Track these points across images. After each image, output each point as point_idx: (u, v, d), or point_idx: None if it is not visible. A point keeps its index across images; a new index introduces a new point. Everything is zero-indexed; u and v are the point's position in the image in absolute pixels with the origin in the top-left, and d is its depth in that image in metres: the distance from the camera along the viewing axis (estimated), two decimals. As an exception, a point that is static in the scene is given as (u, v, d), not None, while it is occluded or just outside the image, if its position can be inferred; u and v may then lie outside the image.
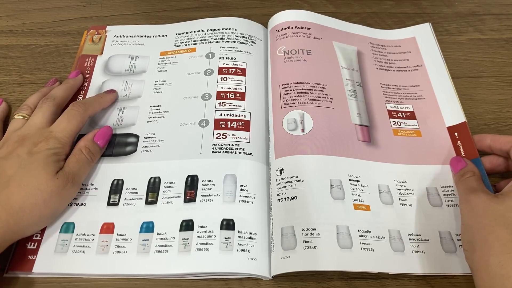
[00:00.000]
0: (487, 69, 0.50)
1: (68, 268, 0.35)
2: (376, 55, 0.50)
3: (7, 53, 0.51)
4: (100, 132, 0.41)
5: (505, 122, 0.45)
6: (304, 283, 0.36)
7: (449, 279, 0.36)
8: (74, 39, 0.52)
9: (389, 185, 0.40)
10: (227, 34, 0.50)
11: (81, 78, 0.46)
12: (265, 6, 0.56)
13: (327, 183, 0.38)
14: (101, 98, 0.44)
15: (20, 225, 0.33)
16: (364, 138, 0.42)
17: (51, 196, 0.35)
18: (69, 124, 0.39)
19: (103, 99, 0.44)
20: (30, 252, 0.36)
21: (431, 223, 0.38)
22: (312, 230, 0.36)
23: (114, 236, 0.37)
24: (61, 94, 0.42)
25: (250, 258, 0.35)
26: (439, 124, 0.44)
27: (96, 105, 0.43)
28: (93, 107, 0.42)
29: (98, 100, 0.43)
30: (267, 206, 0.39)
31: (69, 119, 0.39)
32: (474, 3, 0.56)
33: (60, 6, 0.56)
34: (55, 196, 0.35)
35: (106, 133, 0.41)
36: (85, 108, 0.41)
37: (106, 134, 0.41)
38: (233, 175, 0.39)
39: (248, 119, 0.43)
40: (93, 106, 0.42)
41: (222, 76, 0.46)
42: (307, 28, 0.49)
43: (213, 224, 0.37)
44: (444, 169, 0.41)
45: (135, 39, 0.51)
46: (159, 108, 0.45)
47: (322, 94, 0.44)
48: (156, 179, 0.40)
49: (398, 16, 0.55)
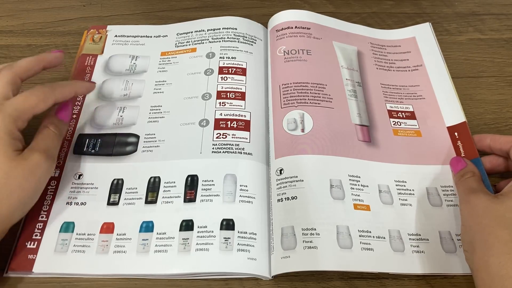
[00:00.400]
0: (487, 69, 0.50)
1: (68, 268, 0.35)
2: (376, 55, 0.50)
3: (7, 53, 0.51)
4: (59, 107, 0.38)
5: (505, 122, 0.45)
6: (304, 283, 0.36)
7: (449, 279, 0.36)
8: (74, 39, 0.52)
9: (389, 185, 0.40)
10: (228, 34, 0.50)
11: (58, 56, 0.40)
12: (265, 6, 0.56)
13: (327, 183, 0.38)
14: (76, 83, 0.40)
15: (2, 215, 0.32)
16: (364, 138, 0.42)
17: (24, 178, 0.33)
18: (26, 100, 0.34)
19: (77, 85, 0.40)
20: (29, 251, 0.36)
21: (431, 223, 0.38)
22: (312, 230, 0.36)
23: (114, 235, 0.37)
24: (23, 64, 0.37)
25: (250, 258, 0.35)
26: (439, 124, 0.44)
27: (67, 89, 0.38)
28: (62, 89, 0.37)
29: (72, 84, 0.40)
30: (267, 206, 0.39)
31: (28, 95, 0.35)
32: (474, 3, 0.56)
33: (60, 6, 0.56)
34: (29, 177, 0.33)
35: (66, 106, 0.39)
36: (52, 89, 0.36)
37: (66, 106, 0.38)
38: (233, 175, 0.39)
39: (248, 119, 0.43)
40: (62, 88, 0.38)
41: (222, 75, 0.46)
42: (307, 28, 0.49)
43: (213, 224, 0.37)
44: (444, 169, 0.41)
45: (136, 39, 0.51)
46: (159, 108, 0.45)
47: (322, 94, 0.44)
48: (156, 178, 0.40)
49: (398, 16, 0.55)
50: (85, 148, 0.42)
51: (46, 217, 0.38)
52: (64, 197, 0.39)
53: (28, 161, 0.33)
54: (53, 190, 0.39)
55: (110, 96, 0.46)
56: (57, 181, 0.40)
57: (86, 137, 0.43)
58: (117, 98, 0.46)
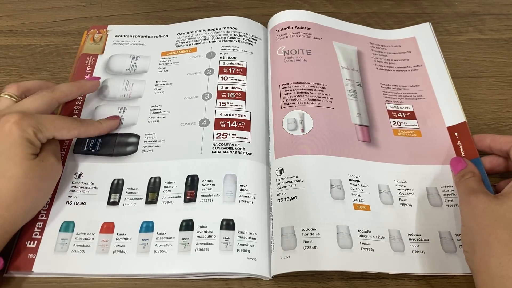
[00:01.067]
0: (487, 69, 0.50)
1: (68, 268, 0.35)
2: (376, 55, 0.50)
3: (7, 53, 0.51)
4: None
5: (505, 122, 0.45)
6: (304, 283, 0.36)
7: (449, 279, 0.36)
8: (74, 39, 0.52)
9: (389, 185, 0.40)
10: (228, 33, 0.50)
11: (96, 84, 0.45)
12: (265, 6, 0.56)
13: (327, 183, 0.38)
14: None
15: (17, 215, 0.34)
16: (364, 138, 0.42)
17: (41, 179, 0.35)
18: (53, 122, 0.36)
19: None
20: (29, 250, 0.36)
21: (431, 223, 0.38)
22: (312, 230, 0.36)
23: (114, 235, 0.37)
24: (64, 88, 0.40)
25: (250, 258, 0.35)
26: (439, 124, 0.44)
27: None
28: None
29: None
30: (267, 206, 0.39)
31: (58, 118, 0.37)
32: (474, 3, 0.56)
33: (60, 6, 0.56)
34: (46, 177, 0.35)
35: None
36: (82, 124, 0.39)
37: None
38: (233, 175, 0.39)
39: (248, 119, 0.43)
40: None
41: (222, 75, 0.46)
42: (307, 28, 0.49)
43: (213, 224, 0.37)
44: (444, 169, 0.41)
45: (136, 39, 0.51)
46: (160, 108, 0.45)
47: (322, 94, 0.44)
48: (157, 179, 0.40)
49: (398, 16, 0.55)
50: (85, 147, 0.42)
51: (46, 216, 0.37)
52: (64, 196, 0.39)
53: (45, 163, 0.35)
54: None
55: (110, 96, 0.46)
56: (57, 181, 0.40)
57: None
58: (117, 98, 0.46)
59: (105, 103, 0.45)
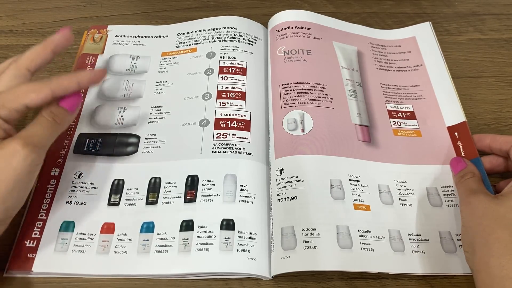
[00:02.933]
0: (487, 69, 0.50)
1: (68, 268, 0.35)
2: (376, 55, 0.50)
3: (7, 53, 0.51)
4: (66, 96, 0.34)
5: (505, 122, 0.45)
6: (304, 283, 0.36)
7: (449, 279, 0.36)
8: (74, 39, 0.52)
9: (389, 185, 0.40)
10: (228, 33, 0.50)
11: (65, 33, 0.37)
12: (265, 6, 0.56)
13: (327, 183, 0.38)
14: (78, 74, 0.35)
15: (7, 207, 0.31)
16: (364, 138, 0.42)
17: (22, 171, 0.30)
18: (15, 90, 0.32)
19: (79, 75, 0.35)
20: (29, 250, 0.36)
21: (431, 223, 0.38)
22: (312, 230, 0.36)
23: (115, 236, 0.37)
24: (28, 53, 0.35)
25: (250, 258, 0.35)
26: (439, 124, 0.44)
27: (66, 79, 0.34)
28: (59, 80, 0.34)
29: (73, 74, 0.35)
30: (267, 206, 0.39)
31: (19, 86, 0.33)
32: (474, 3, 0.56)
33: (60, 6, 0.56)
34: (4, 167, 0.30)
35: (73, 97, 0.35)
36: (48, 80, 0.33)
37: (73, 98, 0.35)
38: (233, 175, 0.39)
39: (248, 119, 0.43)
40: (60, 79, 0.34)
41: (222, 75, 0.46)
42: (307, 28, 0.49)
43: (213, 224, 0.37)
44: (444, 169, 0.41)
45: (137, 39, 0.51)
46: (160, 109, 0.45)
47: (322, 94, 0.44)
48: (157, 179, 0.40)
49: (398, 16, 0.55)
50: (85, 147, 0.42)
51: (46, 215, 0.37)
52: (64, 196, 0.39)
53: (3, 150, 0.30)
54: (53, 188, 0.39)
55: (110, 96, 0.46)
56: (56, 180, 0.40)
57: (87, 137, 0.42)
58: (117, 98, 0.46)
59: (105, 103, 0.45)
